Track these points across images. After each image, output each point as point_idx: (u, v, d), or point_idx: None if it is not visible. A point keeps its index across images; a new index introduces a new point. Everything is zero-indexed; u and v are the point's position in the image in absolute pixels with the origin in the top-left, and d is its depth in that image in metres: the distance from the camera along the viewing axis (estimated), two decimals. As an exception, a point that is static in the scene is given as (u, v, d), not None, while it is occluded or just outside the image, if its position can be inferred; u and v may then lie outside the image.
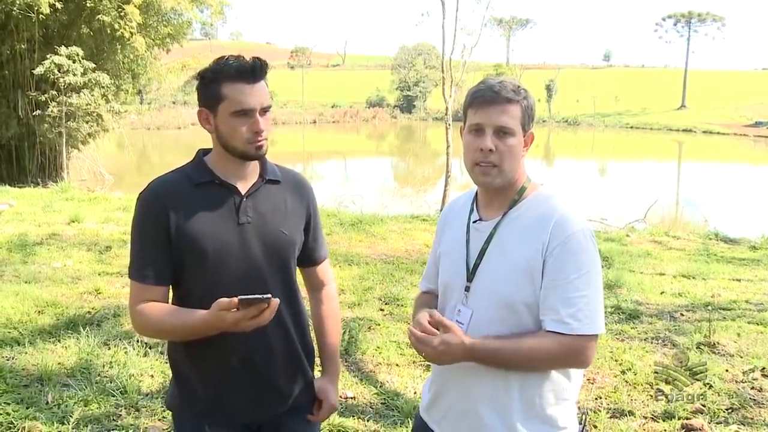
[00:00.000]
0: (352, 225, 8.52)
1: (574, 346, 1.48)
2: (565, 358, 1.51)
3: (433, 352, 1.50)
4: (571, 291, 1.48)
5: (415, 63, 62.76)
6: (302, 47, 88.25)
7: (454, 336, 1.49)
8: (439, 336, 1.49)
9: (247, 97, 1.59)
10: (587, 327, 1.48)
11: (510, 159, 1.55)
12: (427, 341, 1.50)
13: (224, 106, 1.61)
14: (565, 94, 59.76)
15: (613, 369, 4.04)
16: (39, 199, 10.10)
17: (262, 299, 1.46)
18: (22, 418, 3.14)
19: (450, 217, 1.78)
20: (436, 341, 1.49)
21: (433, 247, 1.84)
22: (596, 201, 14.00)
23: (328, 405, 1.86)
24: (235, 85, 1.59)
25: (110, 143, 20.34)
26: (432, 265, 1.81)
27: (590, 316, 1.49)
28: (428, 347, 1.50)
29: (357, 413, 3.40)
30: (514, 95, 1.55)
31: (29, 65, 14.52)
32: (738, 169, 29.19)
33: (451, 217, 1.77)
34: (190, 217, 1.63)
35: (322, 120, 56.41)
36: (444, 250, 1.73)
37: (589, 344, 1.50)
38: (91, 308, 4.84)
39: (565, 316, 1.48)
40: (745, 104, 58.22)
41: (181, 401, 1.74)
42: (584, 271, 1.50)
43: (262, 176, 1.73)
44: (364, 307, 5.18)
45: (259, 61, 1.62)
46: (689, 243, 8.55)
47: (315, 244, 1.86)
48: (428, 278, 1.84)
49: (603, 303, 1.54)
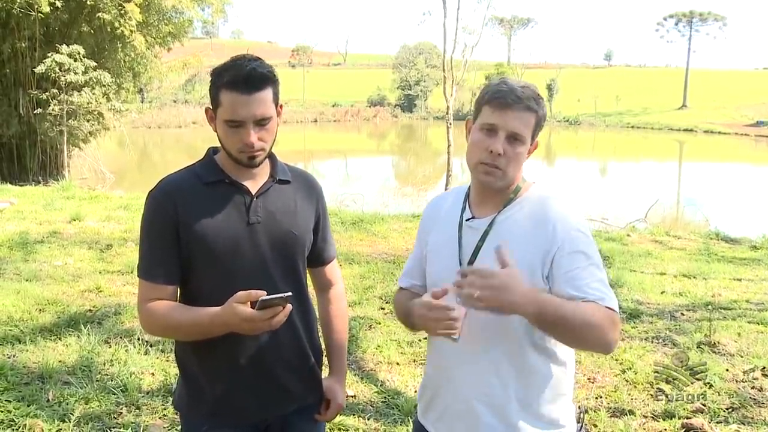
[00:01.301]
0: (353, 224, 8.52)
1: (612, 318, 1.45)
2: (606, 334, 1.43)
3: (496, 282, 1.34)
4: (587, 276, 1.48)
5: (417, 62, 62.70)
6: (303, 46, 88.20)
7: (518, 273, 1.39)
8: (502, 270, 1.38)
9: (239, 109, 1.55)
10: (612, 302, 1.46)
11: (515, 165, 1.55)
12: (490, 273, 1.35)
13: (220, 113, 1.59)
14: (566, 94, 59.67)
15: (613, 368, 4.04)
16: (40, 197, 10.11)
17: (282, 298, 1.45)
18: (23, 415, 3.15)
19: (437, 213, 1.74)
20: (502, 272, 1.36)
21: (417, 242, 1.79)
22: (597, 201, 13.98)
23: (336, 404, 1.86)
24: (230, 94, 1.55)
25: (111, 142, 20.36)
26: (416, 263, 1.77)
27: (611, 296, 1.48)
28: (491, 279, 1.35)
29: (358, 412, 3.41)
30: (534, 104, 1.53)
31: (30, 63, 14.53)
32: (739, 169, 29.17)
33: (438, 213, 1.73)
34: (201, 216, 1.62)
35: (323, 119, 56.41)
36: (433, 249, 1.70)
37: (618, 320, 1.48)
38: (92, 306, 4.85)
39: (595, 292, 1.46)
40: (747, 104, 58.16)
41: (189, 401, 1.74)
42: (592, 261, 1.51)
43: (272, 176, 1.71)
44: (365, 305, 5.19)
45: (256, 71, 1.56)
46: (690, 243, 8.54)
47: (324, 244, 1.85)
48: (411, 275, 1.79)
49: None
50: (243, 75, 1.55)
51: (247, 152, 1.60)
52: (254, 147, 1.59)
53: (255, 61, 1.60)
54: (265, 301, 1.44)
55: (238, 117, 1.56)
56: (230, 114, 1.56)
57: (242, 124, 1.57)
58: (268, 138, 1.62)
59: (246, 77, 1.55)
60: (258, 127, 1.59)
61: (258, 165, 1.65)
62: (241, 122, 1.57)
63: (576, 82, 67.28)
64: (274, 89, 1.61)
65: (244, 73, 1.55)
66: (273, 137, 1.65)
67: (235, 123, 1.57)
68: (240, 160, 1.62)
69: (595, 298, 1.45)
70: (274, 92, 1.61)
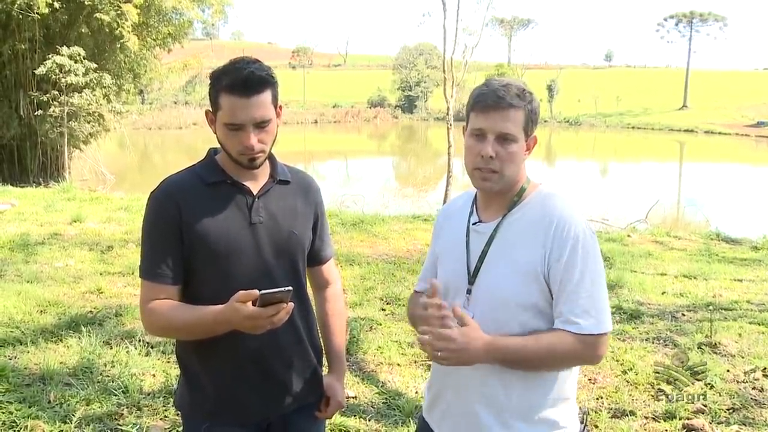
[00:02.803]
0: (354, 225, 8.53)
1: (588, 342, 1.48)
2: (581, 355, 1.50)
3: (453, 346, 1.42)
4: (577, 292, 1.49)
5: (417, 63, 62.71)
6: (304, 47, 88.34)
7: (475, 330, 1.45)
8: (458, 329, 1.44)
9: (238, 112, 1.57)
10: (595, 327, 1.49)
11: (511, 165, 1.55)
12: (446, 336, 1.43)
13: (220, 116, 1.61)
14: (566, 94, 59.69)
15: (614, 369, 4.04)
16: (41, 198, 10.11)
17: (283, 292, 1.45)
18: (24, 417, 3.15)
19: (448, 218, 1.76)
20: (456, 334, 1.42)
21: (431, 248, 1.83)
22: (598, 201, 13.99)
23: (336, 402, 1.87)
24: (229, 97, 1.57)
25: (112, 143, 20.38)
26: (429, 266, 1.80)
27: (597, 315, 1.49)
28: (448, 342, 1.43)
29: (358, 413, 3.41)
30: (518, 101, 1.53)
31: (31, 65, 14.55)
32: (740, 170, 29.15)
33: (449, 218, 1.76)
34: (203, 216, 1.63)
35: (323, 120, 56.40)
36: (443, 252, 1.72)
37: (601, 341, 1.50)
38: (93, 308, 4.85)
39: (574, 317, 1.48)
40: (747, 104, 58.14)
41: (191, 401, 1.74)
42: (589, 271, 1.50)
43: (272, 177, 1.73)
44: (366, 306, 5.19)
45: (254, 74, 1.57)
46: (691, 243, 8.54)
47: (322, 244, 1.87)
48: (425, 279, 1.81)
49: (608, 301, 1.55)
50: (241, 78, 1.56)
51: (247, 155, 1.61)
52: (254, 149, 1.60)
53: (253, 63, 1.61)
54: (266, 297, 1.44)
55: (237, 120, 1.57)
56: (230, 117, 1.58)
57: (242, 127, 1.58)
58: (267, 140, 1.63)
59: (244, 81, 1.56)
60: (258, 130, 1.60)
61: (258, 167, 1.66)
62: (241, 125, 1.58)
63: (576, 82, 67.28)
64: (273, 91, 1.62)
65: (243, 77, 1.56)
66: (273, 138, 1.66)
67: (234, 126, 1.58)
68: (240, 162, 1.64)
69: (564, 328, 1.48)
70: (273, 94, 1.62)
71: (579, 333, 1.47)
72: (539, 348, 1.47)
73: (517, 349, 1.47)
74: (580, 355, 1.49)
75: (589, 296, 1.49)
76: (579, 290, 1.49)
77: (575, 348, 1.47)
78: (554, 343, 1.47)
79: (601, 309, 1.51)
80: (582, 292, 1.49)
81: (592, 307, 1.49)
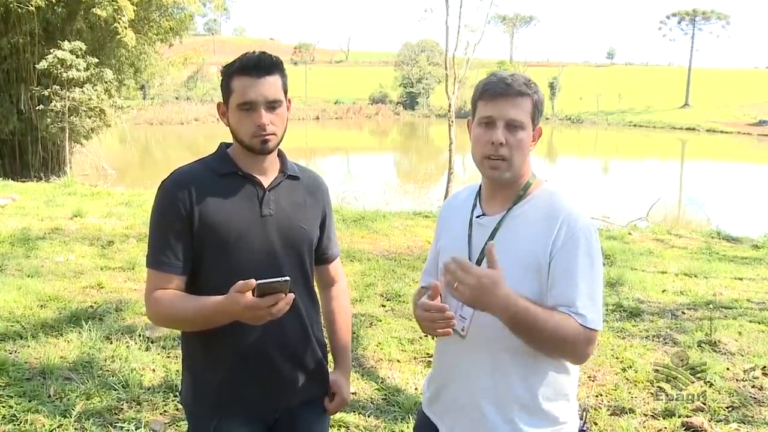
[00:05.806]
0: (355, 221, 8.53)
1: (586, 336, 1.49)
2: (574, 347, 1.50)
3: (481, 282, 1.40)
4: (581, 285, 1.50)
5: (419, 60, 62.64)
6: (305, 43, 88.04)
7: (502, 277, 1.43)
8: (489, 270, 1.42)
9: (249, 90, 1.61)
10: (596, 323, 1.50)
11: (519, 153, 1.55)
12: (472, 270, 1.41)
13: (232, 100, 1.64)
14: (568, 92, 59.57)
15: (614, 366, 4.05)
16: (42, 193, 10.12)
17: (280, 282, 1.44)
18: (24, 411, 3.16)
19: (450, 211, 1.77)
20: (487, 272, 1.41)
21: (434, 242, 1.83)
22: (599, 199, 13.96)
23: (340, 398, 1.88)
24: (241, 78, 1.61)
25: (113, 138, 20.39)
26: (432, 261, 1.81)
27: (598, 313, 1.51)
28: (479, 277, 1.40)
29: (358, 409, 3.41)
30: (526, 88, 1.54)
31: (31, 59, 14.54)
32: (741, 168, 29.12)
33: (451, 211, 1.76)
34: (215, 205, 1.64)
35: (325, 116, 56.37)
36: (445, 245, 1.73)
37: (595, 338, 1.52)
38: (94, 302, 4.86)
39: (580, 308, 1.49)
40: (750, 103, 58.01)
41: (195, 395, 1.74)
42: (590, 268, 1.51)
43: (282, 171, 1.75)
44: (366, 303, 5.19)
45: (266, 55, 1.64)
46: (691, 241, 8.54)
47: (329, 242, 1.88)
48: (429, 273, 1.83)
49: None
50: (253, 60, 1.63)
51: (259, 136, 1.63)
52: (266, 129, 1.62)
53: (263, 53, 1.66)
54: (263, 286, 1.43)
55: (248, 98, 1.61)
56: (242, 96, 1.61)
57: (254, 105, 1.61)
58: (279, 123, 1.66)
59: (256, 62, 1.62)
60: (269, 111, 1.63)
61: (270, 151, 1.68)
62: (253, 103, 1.61)
63: (578, 80, 67.16)
64: (283, 78, 1.68)
65: (254, 58, 1.63)
66: (284, 125, 1.69)
67: (246, 105, 1.61)
68: (253, 147, 1.65)
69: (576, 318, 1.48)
70: (283, 81, 1.67)
71: (583, 325, 1.48)
72: (548, 322, 1.46)
73: (533, 313, 1.44)
74: (575, 346, 1.49)
75: (592, 293, 1.51)
76: (583, 284, 1.50)
77: (576, 337, 1.48)
78: (562, 324, 1.47)
79: (599, 308, 1.53)
80: (585, 288, 1.50)
81: (594, 304, 1.51)
